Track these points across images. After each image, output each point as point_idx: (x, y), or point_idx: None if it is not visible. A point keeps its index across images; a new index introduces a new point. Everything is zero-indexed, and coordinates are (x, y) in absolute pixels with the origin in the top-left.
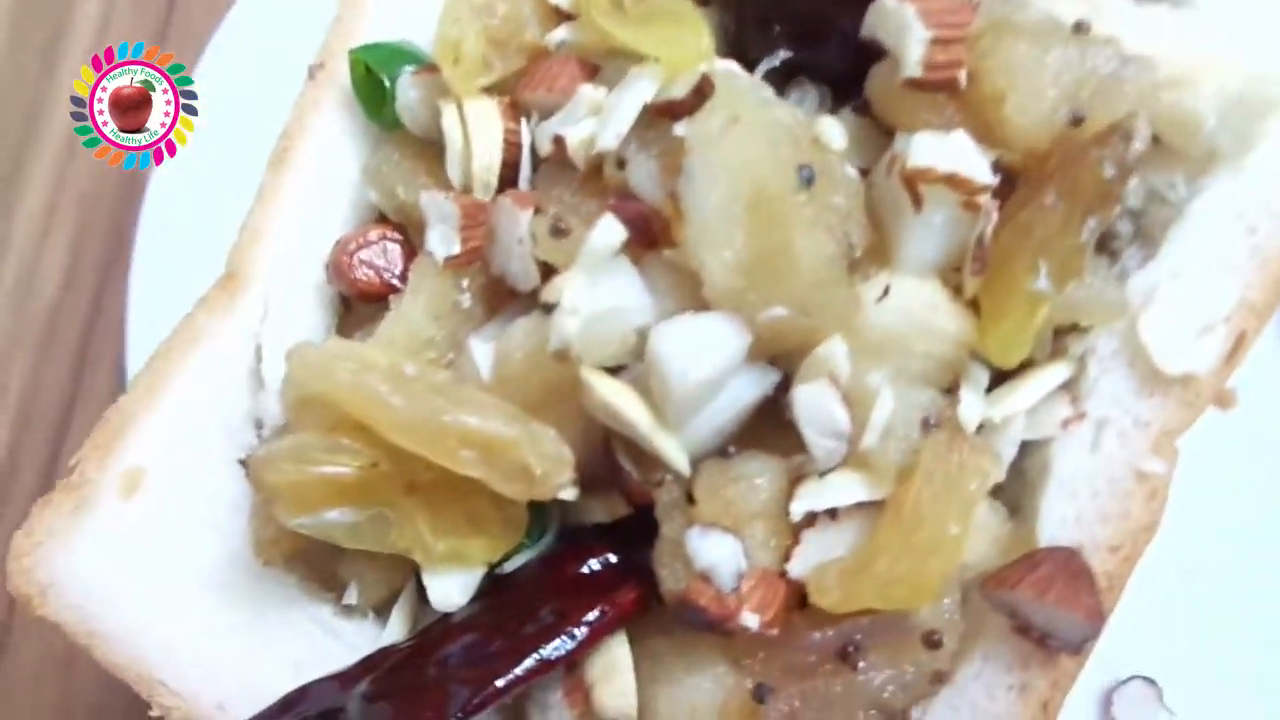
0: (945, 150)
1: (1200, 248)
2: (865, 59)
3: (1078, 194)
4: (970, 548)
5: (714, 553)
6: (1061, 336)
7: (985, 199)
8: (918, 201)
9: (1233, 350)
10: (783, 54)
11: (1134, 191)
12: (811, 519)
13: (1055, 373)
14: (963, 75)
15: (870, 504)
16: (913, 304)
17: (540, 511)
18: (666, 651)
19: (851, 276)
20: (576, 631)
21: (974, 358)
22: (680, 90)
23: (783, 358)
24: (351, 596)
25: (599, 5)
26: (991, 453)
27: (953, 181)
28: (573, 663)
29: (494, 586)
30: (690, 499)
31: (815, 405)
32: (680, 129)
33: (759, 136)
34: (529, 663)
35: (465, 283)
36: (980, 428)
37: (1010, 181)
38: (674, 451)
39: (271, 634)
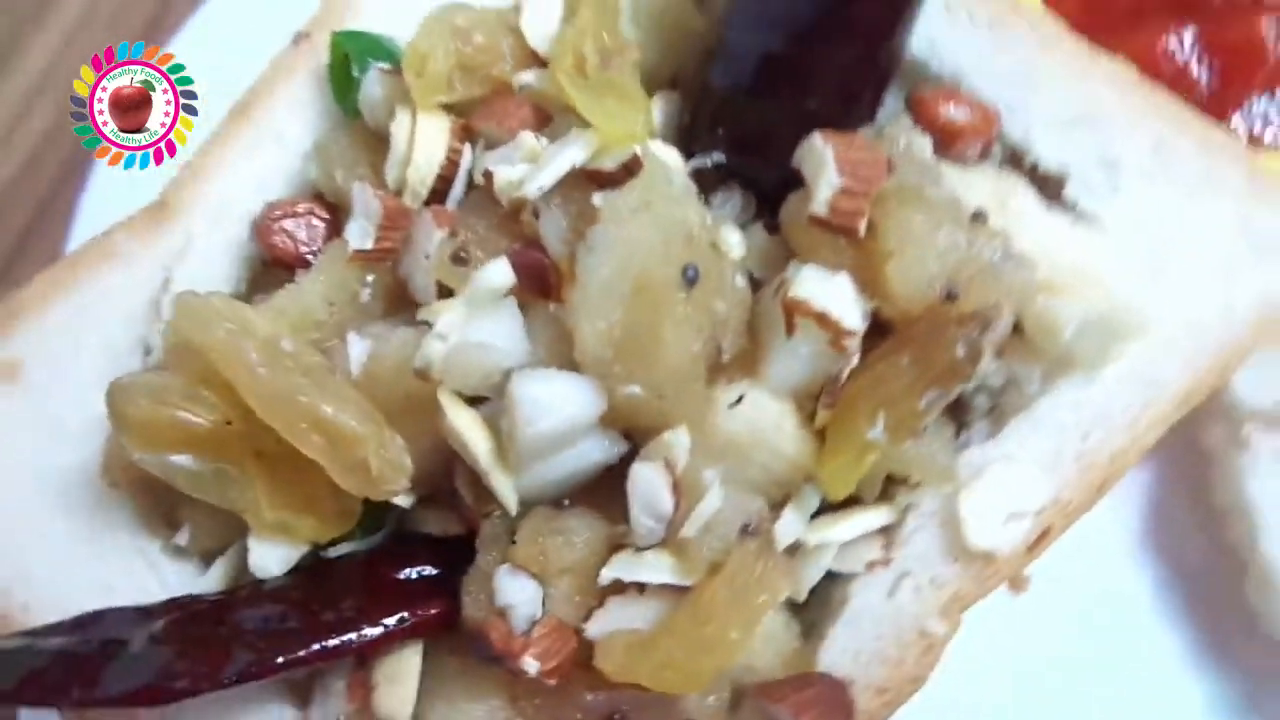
0: (827, 289)
1: (1036, 441)
2: (791, 183)
3: (929, 364)
4: (758, 654)
5: (515, 594)
6: (894, 485)
7: (850, 343)
8: (790, 328)
9: (1036, 541)
10: (719, 157)
11: (995, 373)
12: (620, 587)
13: (876, 516)
14: (863, 225)
15: (676, 588)
16: (762, 419)
17: (378, 510)
18: (455, 674)
19: (714, 377)
20: (371, 631)
21: (808, 482)
22: (611, 162)
23: (635, 432)
24: (182, 539)
25: (564, 63)
26: (790, 575)
27: (823, 320)
28: (364, 658)
29: (313, 567)
30: (512, 538)
31: (647, 484)
32: (598, 198)
33: (660, 227)
34: (314, 647)
35: (370, 278)
36: (796, 547)
37: (880, 331)
38: (505, 490)
39: (95, 553)
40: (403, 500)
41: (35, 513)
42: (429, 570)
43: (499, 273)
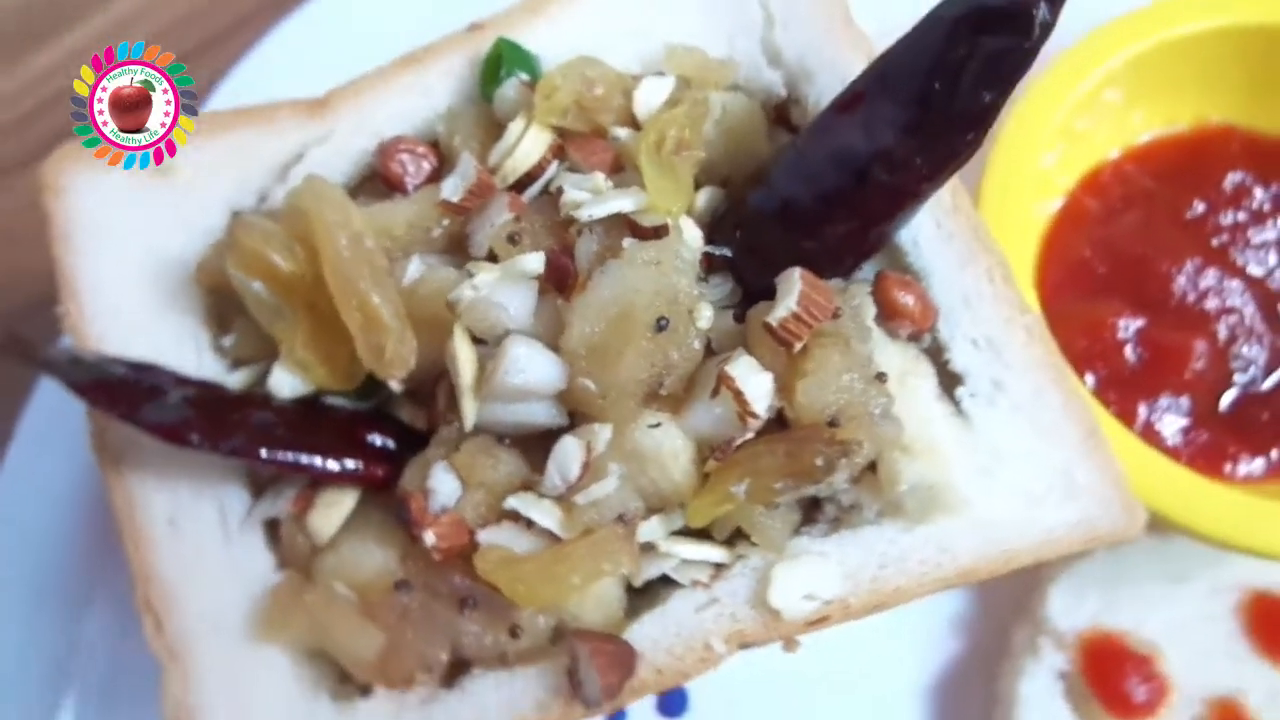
0: (753, 378)
1: (850, 553)
2: (767, 294)
3: (795, 461)
4: (587, 610)
5: (442, 485)
6: (738, 536)
7: (752, 423)
8: (715, 391)
9: (815, 621)
10: (727, 251)
11: (846, 493)
12: (515, 516)
13: (714, 552)
14: (799, 345)
15: (553, 535)
16: (667, 445)
17: (374, 385)
18: (374, 523)
19: (648, 401)
20: (331, 464)
21: (680, 506)
22: (647, 221)
23: (576, 414)
24: (227, 341)
25: (648, 137)
26: (635, 561)
27: (740, 398)
28: (316, 482)
29: (310, 404)
30: (457, 446)
31: (566, 453)
32: (626, 242)
33: (657, 282)
34: (288, 456)
35: (445, 222)
36: (650, 546)
37: (778, 424)
38: (469, 411)
39: (162, 324)
40: (395, 385)
41: (136, 274)
42: (390, 443)
43: (535, 261)
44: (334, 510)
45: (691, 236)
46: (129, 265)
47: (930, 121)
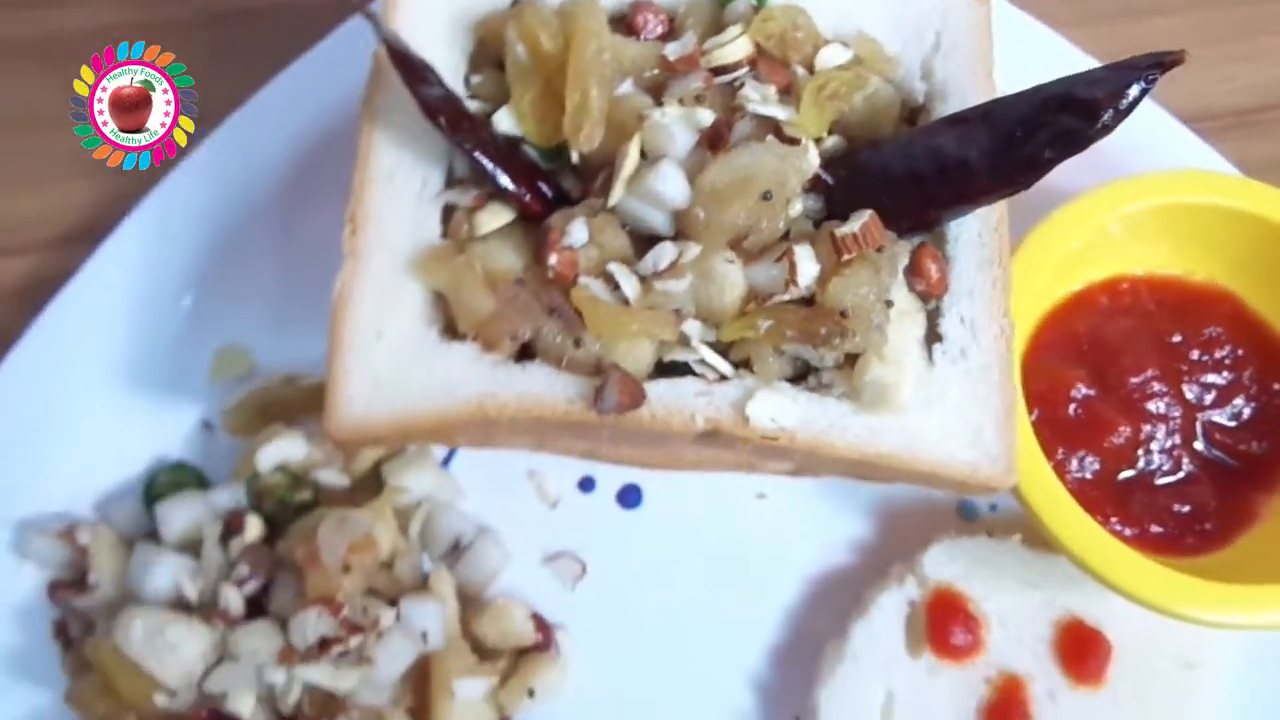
0: (806, 261)
1: (812, 406)
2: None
3: (807, 323)
4: (629, 357)
5: (575, 232)
6: (745, 365)
7: (793, 289)
8: (779, 259)
9: (767, 437)
10: (830, 179)
11: (829, 370)
12: (609, 277)
13: (725, 366)
14: (847, 256)
15: (627, 300)
16: (730, 278)
17: (561, 150)
18: (517, 238)
19: (734, 245)
20: (510, 185)
21: (719, 326)
22: (789, 132)
23: (680, 232)
24: (475, 80)
25: (816, 82)
26: (674, 338)
27: (792, 270)
28: (494, 193)
29: (512, 143)
30: (596, 213)
31: (663, 251)
32: (769, 137)
33: (777, 169)
34: (488, 164)
35: (656, 71)
36: (686, 339)
37: (807, 302)
38: (617, 194)
39: (440, 45)
40: (575, 157)
41: (442, 10)
42: (550, 194)
43: (706, 118)
44: (496, 216)
45: (812, 157)
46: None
47: (1005, 153)
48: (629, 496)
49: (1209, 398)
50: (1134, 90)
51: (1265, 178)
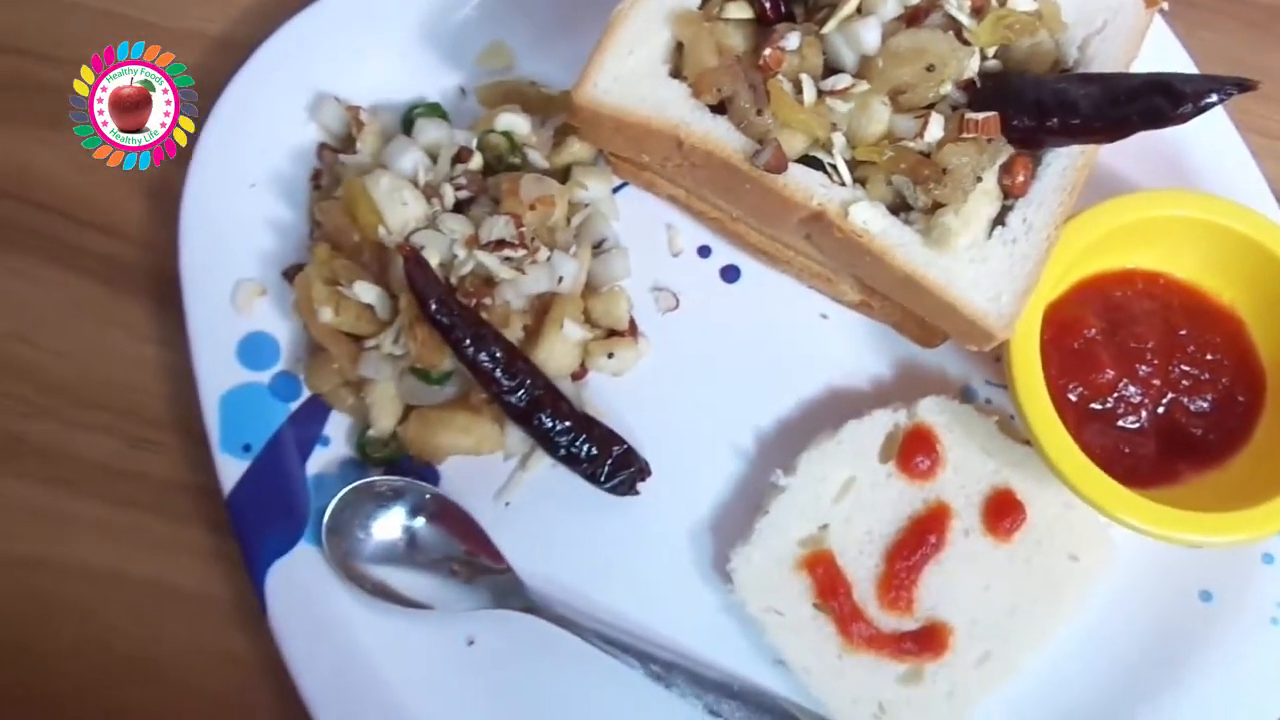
0: (937, 125)
1: (897, 228)
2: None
3: (919, 165)
4: (792, 142)
5: (792, 39)
6: (861, 181)
7: (919, 140)
8: (919, 116)
9: (858, 233)
10: (977, 84)
11: (919, 212)
12: (800, 84)
13: (848, 175)
14: (967, 135)
15: (802, 103)
16: (880, 113)
17: None
18: (750, 30)
19: (891, 94)
20: None
21: (854, 146)
22: (965, 36)
23: (858, 74)
24: None
25: (1000, 11)
26: (827, 135)
27: (925, 125)
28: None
29: None
30: (809, 34)
31: (840, 78)
32: (949, 32)
33: (945, 53)
34: None
35: None
36: (830, 143)
37: (924, 154)
38: (831, 26)
39: None
40: None
41: None
42: (783, 9)
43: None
44: (740, 10)
45: (973, 62)
46: None
47: (1107, 109)
48: (730, 274)
49: (1185, 383)
50: (1214, 96)
51: None
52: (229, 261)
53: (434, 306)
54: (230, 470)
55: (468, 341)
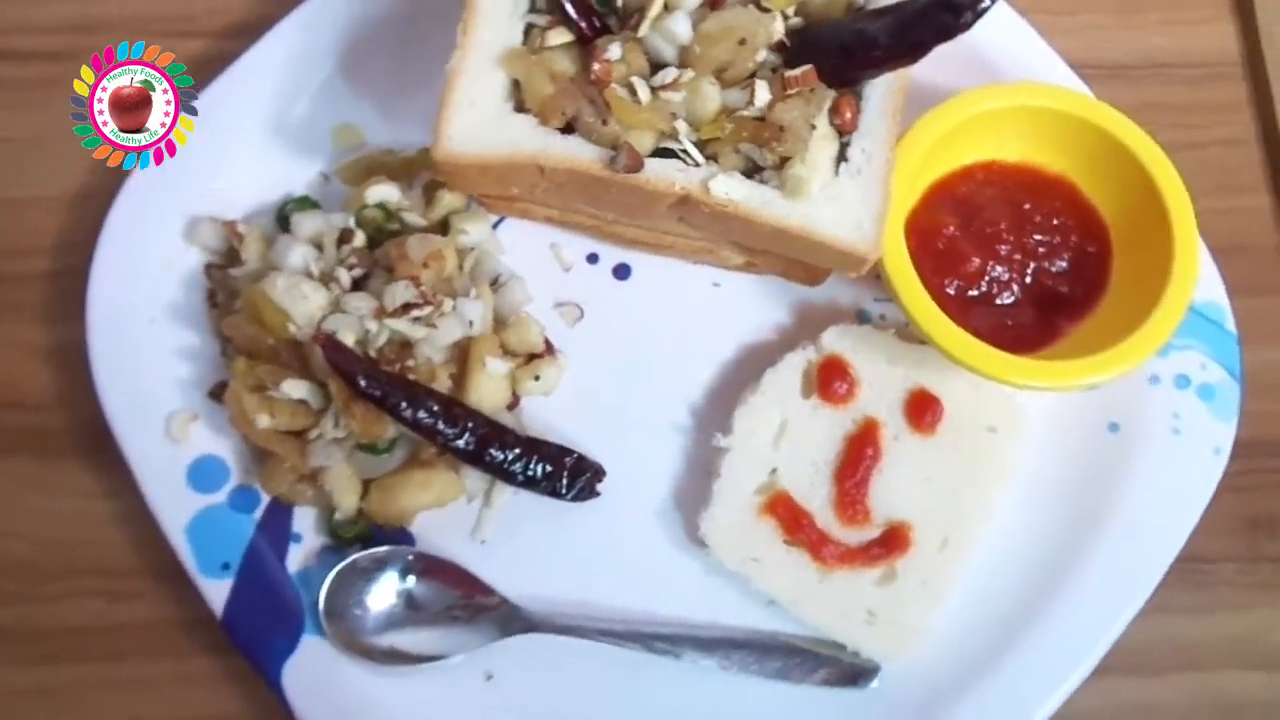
0: (763, 91)
1: (753, 189)
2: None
3: (759, 129)
4: (639, 140)
5: (613, 49)
6: (714, 159)
7: (752, 107)
8: (744, 87)
9: (722, 205)
10: (787, 43)
11: (768, 171)
12: (631, 87)
13: (700, 156)
14: (790, 91)
15: (639, 101)
16: (711, 94)
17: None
18: (571, 50)
19: (715, 73)
20: (575, 14)
21: (697, 128)
22: (765, 4)
23: (682, 63)
24: None
25: None
26: (669, 129)
27: (752, 94)
28: (560, 19)
29: None
30: (628, 40)
31: (669, 72)
32: (750, 6)
33: (751, 25)
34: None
35: None
36: (675, 134)
37: (759, 120)
38: (644, 29)
39: None
40: (619, 1)
41: None
42: (599, 24)
43: None
44: (560, 36)
45: (778, 25)
46: None
47: (901, 35)
48: (622, 271)
49: (1042, 250)
50: (986, 1)
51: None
52: (153, 400)
53: (363, 383)
54: (216, 593)
55: (403, 405)
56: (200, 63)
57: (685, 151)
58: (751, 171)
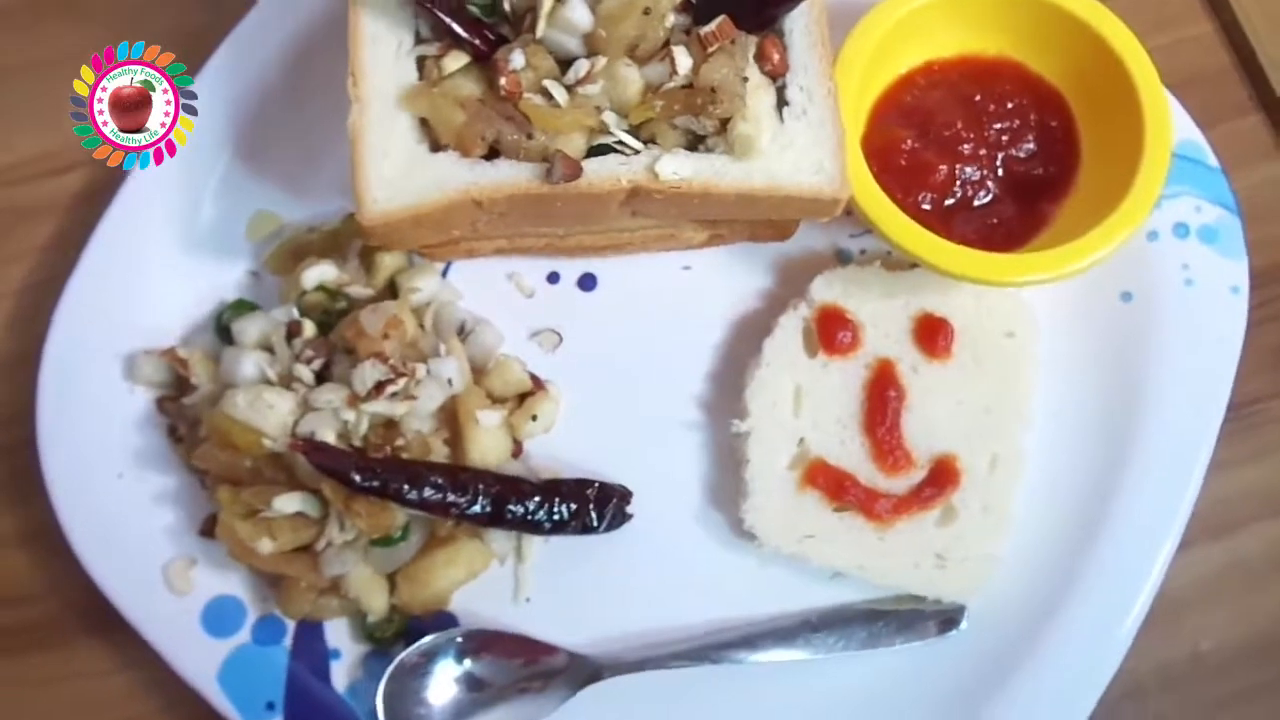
0: (682, 57)
1: (702, 161)
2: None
3: (689, 99)
4: (569, 144)
5: (516, 59)
6: (653, 142)
7: (676, 77)
8: (663, 59)
9: (674, 186)
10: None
11: (711, 137)
12: (545, 91)
13: (637, 143)
14: (712, 48)
15: (558, 104)
16: (631, 77)
17: (498, 3)
18: (474, 72)
19: (628, 51)
20: (465, 34)
21: (626, 115)
22: None
23: (591, 51)
24: None
25: None
26: (596, 125)
27: (673, 65)
28: (452, 43)
29: (459, 4)
30: (529, 44)
31: (581, 64)
32: None
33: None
34: (447, 20)
35: None
36: (605, 125)
37: (687, 88)
38: (541, 28)
39: None
40: (506, 6)
41: None
42: (492, 37)
43: None
44: (456, 60)
45: None
46: None
47: None
48: (587, 282)
49: (1005, 138)
50: None
51: None
52: (144, 556)
53: (357, 478)
54: None
55: (405, 488)
56: (84, 196)
57: (621, 142)
58: (695, 144)
